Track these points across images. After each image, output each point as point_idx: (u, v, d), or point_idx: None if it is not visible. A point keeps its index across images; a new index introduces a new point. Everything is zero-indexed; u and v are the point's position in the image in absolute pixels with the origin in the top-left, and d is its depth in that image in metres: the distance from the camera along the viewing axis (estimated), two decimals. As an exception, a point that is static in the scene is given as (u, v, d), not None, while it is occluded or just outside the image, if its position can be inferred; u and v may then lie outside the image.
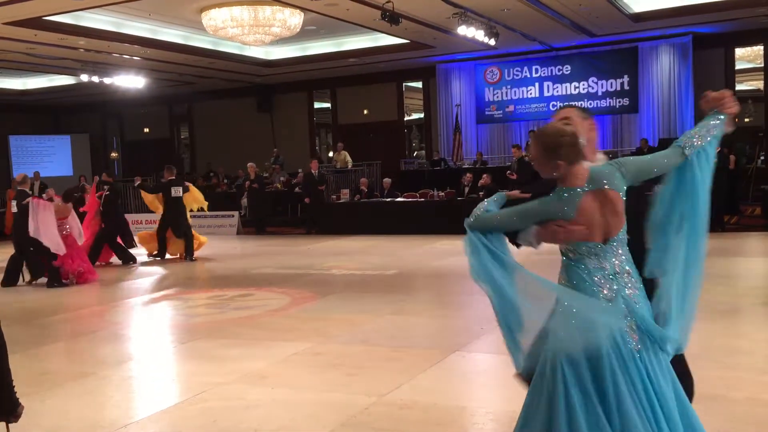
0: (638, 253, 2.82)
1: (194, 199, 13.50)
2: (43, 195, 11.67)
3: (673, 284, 2.87)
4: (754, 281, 8.94)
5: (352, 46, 19.05)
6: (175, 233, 13.09)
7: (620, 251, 2.75)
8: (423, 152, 23.04)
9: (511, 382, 5.05)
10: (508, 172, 14.93)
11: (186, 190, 13.23)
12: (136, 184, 14.64)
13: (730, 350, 5.53)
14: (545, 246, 2.80)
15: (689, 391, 3.03)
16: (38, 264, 10.58)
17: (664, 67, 18.69)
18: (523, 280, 2.76)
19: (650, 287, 2.82)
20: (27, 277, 10.83)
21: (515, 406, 4.46)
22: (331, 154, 23.61)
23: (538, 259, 3.13)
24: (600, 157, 3.02)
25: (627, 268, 2.76)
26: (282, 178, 20.63)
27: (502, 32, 16.21)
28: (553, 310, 2.68)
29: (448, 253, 12.35)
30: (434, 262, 11.37)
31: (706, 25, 17.28)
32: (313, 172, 17.44)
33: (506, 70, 20.43)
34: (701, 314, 6.62)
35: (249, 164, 18.46)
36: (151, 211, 14.62)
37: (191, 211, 13.61)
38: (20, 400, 3.76)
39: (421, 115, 23.05)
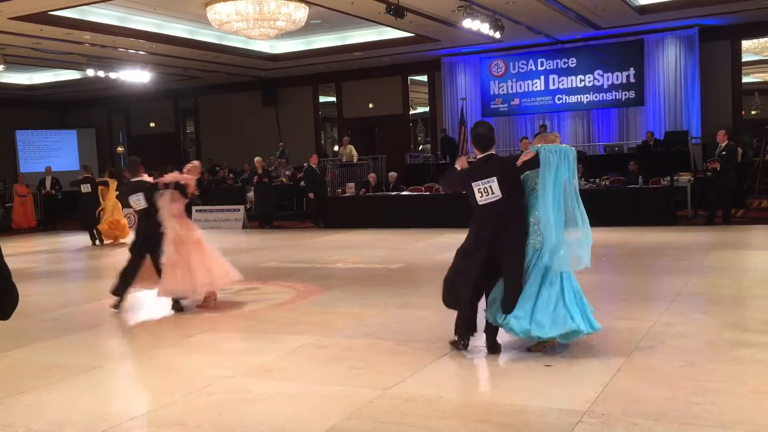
0: None
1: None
2: None
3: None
4: (760, 274, 8.91)
5: (357, 40, 19.01)
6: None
7: None
8: (428, 146, 23.01)
9: (516, 375, 5.07)
10: None
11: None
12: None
13: (735, 343, 5.52)
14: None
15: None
16: None
17: (670, 60, 18.60)
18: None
19: None
20: None
21: (520, 399, 4.49)
22: (336, 148, 23.61)
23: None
24: None
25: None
26: (287, 172, 20.64)
27: (508, 25, 16.16)
28: None
29: (453, 246, 12.27)
30: (439, 256, 11.35)
31: (713, 17, 17.19)
32: (313, 166, 17.44)
33: (511, 64, 20.37)
34: (707, 307, 6.66)
35: (256, 158, 18.47)
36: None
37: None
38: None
39: (427, 109, 23.01)
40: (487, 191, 5.36)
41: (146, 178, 8.14)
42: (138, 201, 7.88)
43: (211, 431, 4.18)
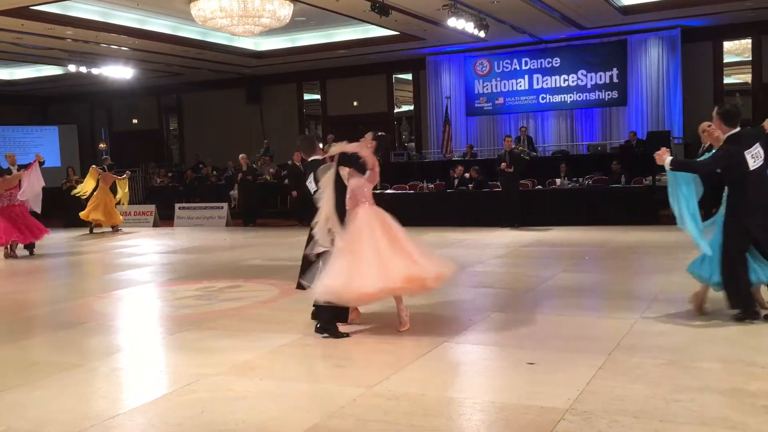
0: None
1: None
2: None
3: None
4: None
5: (342, 38, 19.00)
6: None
7: None
8: (413, 144, 23.03)
9: (499, 372, 5.09)
10: (504, 164, 14.72)
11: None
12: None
13: (717, 341, 5.58)
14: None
15: None
16: None
17: (652, 60, 18.74)
18: None
19: None
20: None
21: (502, 397, 4.51)
22: (321, 146, 23.58)
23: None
24: None
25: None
26: (271, 170, 20.59)
27: (492, 24, 16.22)
28: None
29: (437, 245, 12.37)
30: (423, 254, 11.35)
31: (695, 18, 17.35)
32: (297, 164, 17.36)
33: (496, 63, 20.44)
34: (688, 306, 6.69)
35: (240, 156, 18.40)
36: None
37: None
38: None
39: (411, 108, 23.03)
40: (755, 157, 6.00)
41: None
42: (310, 183, 6.71)
43: (193, 429, 4.16)
